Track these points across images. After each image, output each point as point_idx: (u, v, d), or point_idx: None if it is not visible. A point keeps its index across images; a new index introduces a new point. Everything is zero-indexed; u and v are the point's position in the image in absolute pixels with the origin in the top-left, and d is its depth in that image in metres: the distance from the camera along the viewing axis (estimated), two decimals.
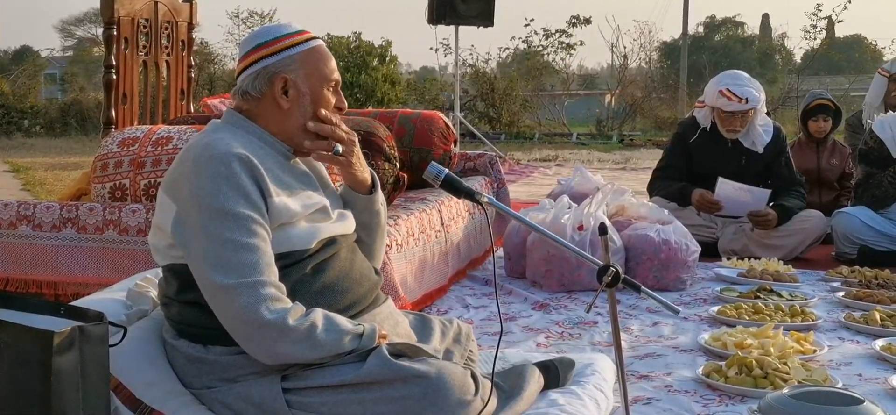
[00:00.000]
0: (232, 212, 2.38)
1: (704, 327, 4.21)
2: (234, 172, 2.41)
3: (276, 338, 2.35)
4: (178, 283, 2.51)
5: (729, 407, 3.13)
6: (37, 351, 2.24)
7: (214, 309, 2.39)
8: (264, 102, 2.59)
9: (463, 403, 2.42)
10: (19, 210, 4.21)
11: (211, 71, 22.83)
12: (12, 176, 11.74)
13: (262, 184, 2.45)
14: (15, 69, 27.13)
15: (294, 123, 2.60)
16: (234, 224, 2.37)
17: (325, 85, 2.63)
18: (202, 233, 2.38)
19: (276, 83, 2.57)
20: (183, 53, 6.03)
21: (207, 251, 2.36)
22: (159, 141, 4.23)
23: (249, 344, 2.38)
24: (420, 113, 5.72)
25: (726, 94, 5.87)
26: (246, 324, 2.34)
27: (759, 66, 29.76)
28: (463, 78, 19.53)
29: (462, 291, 4.93)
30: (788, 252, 5.85)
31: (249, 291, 2.34)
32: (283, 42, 2.60)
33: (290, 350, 2.37)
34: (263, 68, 2.57)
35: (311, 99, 2.60)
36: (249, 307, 2.33)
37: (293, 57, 2.59)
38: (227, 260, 2.35)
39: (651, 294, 2.64)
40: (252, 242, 2.38)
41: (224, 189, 2.39)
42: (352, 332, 2.46)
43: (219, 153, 2.43)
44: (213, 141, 2.48)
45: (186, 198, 2.42)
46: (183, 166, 2.47)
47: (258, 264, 2.37)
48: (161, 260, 2.54)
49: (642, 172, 11.62)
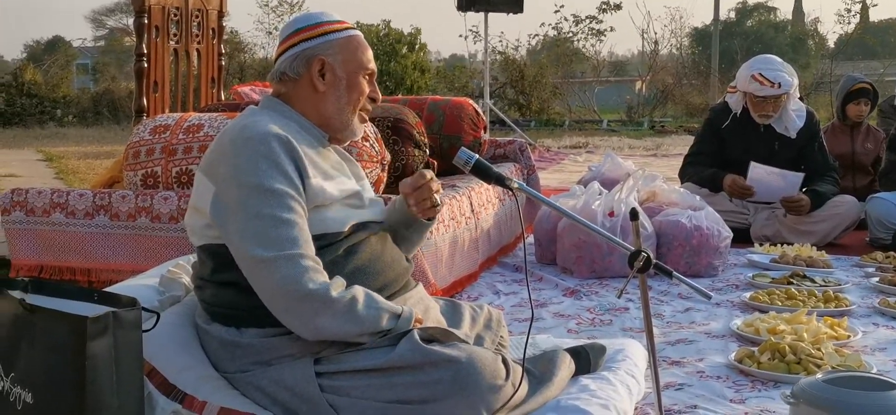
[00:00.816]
0: (270, 188, 2.41)
1: (737, 312, 4.19)
2: (272, 150, 2.44)
3: (318, 310, 2.37)
4: (214, 263, 2.53)
5: (761, 393, 3.12)
6: (71, 337, 2.26)
7: (254, 283, 2.40)
8: (301, 84, 2.63)
9: (494, 387, 2.42)
10: (53, 198, 4.24)
11: (241, 59, 22.93)
12: (46, 165, 11.84)
13: (300, 164, 2.48)
14: (47, 60, 27.35)
15: (329, 107, 2.63)
16: (273, 200, 2.40)
17: (361, 73, 2.66)
18: (241, 209, 2.40)
19: (314, 65, 2.61)
20: (213, 42, 6.05)
21: (247, 226, 2.39)
22: (190, 128, 4.25)
23: (289, 317, 2.40)
24: (450, 100, 5.72)
25: (759, 79, 5.82)
26: (287, 295, 2.36)
27: (791, 52, 29.54)
28: (492, 65, 19.50)
29: (492, 278, 4.93)
30: (822, 238, 5.81)
31: (290, 263, 2.36)
32: (323, 27, 2.64)
33: (331, 324, 2.39)
34: (302, 51, 2.62)
35: (346, 85, 2.64)
36: (291, 278, 2.35)
37: (332, 42, 2.63)
38: (267, 234, 2.37)
39: (683, 279, 2.63)
40: (291, 217, 2.41)
41: (263, 166, 2.42)
42: (390, 311, 2.48)
43: (257, 133, 2.46)
44: (252, 122, 2.52)
45: (225, 177, 2.45)
46: (221, 147, 2.51)
47: (298, 238, 2.40)
48: (197, 240, 2.56)
49: (673, 159, 11.56)
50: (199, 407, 2.44)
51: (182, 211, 4.04)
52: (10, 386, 2.34)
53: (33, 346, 2.32)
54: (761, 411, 2.95)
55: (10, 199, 4.29)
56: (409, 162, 4.42)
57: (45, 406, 2.28)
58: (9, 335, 2.37)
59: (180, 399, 2.45)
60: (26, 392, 2.31)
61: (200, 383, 2.48)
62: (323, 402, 2.41)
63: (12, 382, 2.34)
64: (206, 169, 2.52)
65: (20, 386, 2.32)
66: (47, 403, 2.28)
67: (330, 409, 2.41)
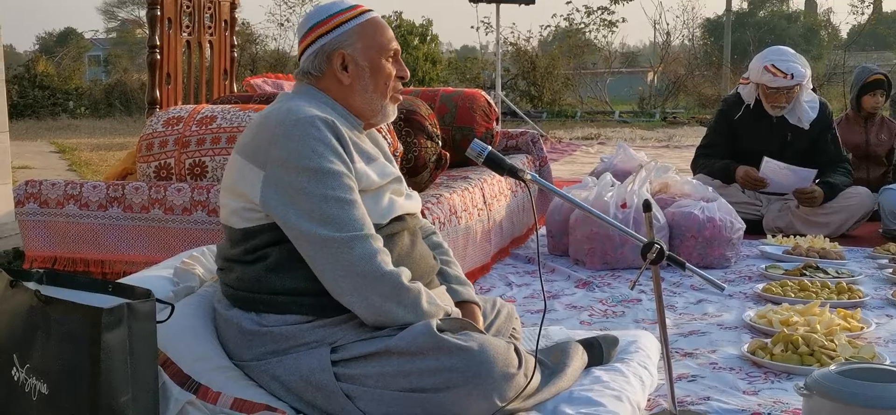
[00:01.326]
0: (330, 170, 2.43)
1: (749, 304, 4.18)
2: (323, 132, 2.46)
3: (388, 294, 2.42)
4: (247, 244, 2.53)
5: (774, 384, 3.11)
6: (86, 328, 2.27)
7: (321, 264, 2.42)
8: (326, 80, 2.64)
9: (506, 376, 2.43)
10: (66, 189, 4.26)
11: (253, 51, 22.95)
12: (58, 157, 11.87)
13: (346, 147, 2.51)
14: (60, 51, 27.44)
15: (357, 97, 2.64)
16: (334, 181, 2.43)
17: (384, 55, 2.66)
18: (303, 193, 2.41)
19: (334, 60, 2.61)
20: (225, 33, 6.06)
21: (311, 210, 2.40)
22: (203, 120, 4.25)
23: (355, 297, 2.42)
24: (462, 91, 5.71)
25: (771, 70, 5.80)
26: (359, 275, 2.39)
27: (804, 43, 29.43)
28: (504, 56, 19.48)
29: (505, 269, 4.93)
30: (835, 229, 5.79)
31: (363, 243, 2.40)
32: (336, 19, 2.63)
33: (396, 310, 2.44)
34: (320, 47, 2.62)
35: (370, 72, 2.64)
36: (366, 258, 2.39)
37: (348, 32, 2.62)
38: (334, 216, 2.40)
39: (696, 271, 2.63)
40: (354, 197, 2.45)
41: (319, 148, 2.44)
42: (444, 310, 2.55)
43: (304, 116, 2.48)
44: (295, 106, 2.52)
45: (278, 160, 2.45)
46: (266, 132, 2.50)
47: (364, 219, 2.45)
48: (237, 223, 2.55)
49: (685, 150, 11.55)
50: (213, 398, 2.45)
51: (195, 203, 4.05)
52: (25, 377, 2.35)
53: (48, 337, 2.33)
54: (774, 402, 2.94)
55: (24, 191, 4.31)
56: (421, 154, 4.42)
57: (60, 397, 2.29)
58: (24, 327, 2.38)
59: (194, 390, 2.46)
60: (41, 383, 2.32)
61: (214, 372, 2.49)
62: (338, 390, 2.42)
63: (28, 373, 2.35)
64: (248, 153, 2.51)
65: (35, 377, 2.33)
66: (62, 394, 2.29)
67: (345, 397, 2.42)
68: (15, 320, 2.41)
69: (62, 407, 2.29)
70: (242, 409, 2.43)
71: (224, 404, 2.44)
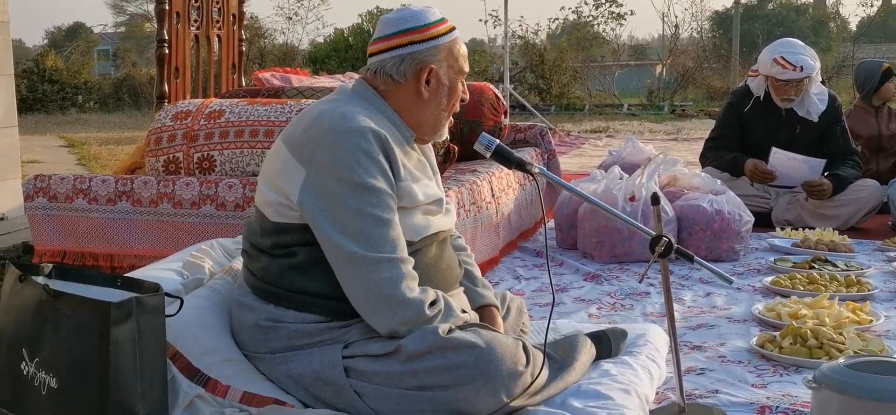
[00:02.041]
0: (373, 187, 2.41)
1: (758, 297, 4.18)
2: (372, 146, 2.43)
3: (410, 319, 2.42)
4: (276, 238, 2.52)
5: (783, 377, 3.11)
6: (95, 322, 2.28)
7: (347, 279, 2.42)
8: (404, 88, 2.60)
9: (514, 373, 2.43)
10: (75, 184, 4.27)
11: (261, 45, 22.97)
12: (67, 151, 11.90)
13: (394, 164, 2.48)
14: (68, 46, 27.47)
15: (429, 113, 2.63)
16: (375, 199, 2.41)
17: (461, 78, 2.66)
18: (342, 204, 2.40)
19: (422, 72, 2.58)
20: (234, 27, 6.06)
21: (347, 223, 2.39)
22: (212, 114, 4.26)
23: (376, 317, 2.43)
24: (470, 85, 5.69)
25: (781, 63, 5.79)
26: (383, 297, 2.39)
27: (813, 35, 29.35)
28: (512, 50, 19.46)
29: (513, 263, 4.93)
30: (844, 222, 5.78)
31: (392, 266, 2.40)
32: (432, 30, 2.60)
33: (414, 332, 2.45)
34: (411, 55, 2.58)
35: (448, 91, 2.63)
36: (392, 282, 2.39)
37: (440, 47, 2.60)
38: (369, 234, 2.39)
39: (704, 264, 2.63)
40: (390, 217, 2.43)
41: (365, 163, 2.41)
42: (462, 318, 2.55)
43: (357, 126, 2.45)
44: (349, 112, 2.49)
45: (323, 164, 2.43)
46: (317, 132, 2.47)
47: (398, 241, 2.43)
48: (271, 215, 2.54)
49: (694, 143, 11.52)
50: (223, 391, 2.45)
51: (203, 197, 4.06)
52: (34, 371, 2.36)
53: (57, 331, 2.34)
54: (783, 395, 2.94)
55: (33, 185, 4.32)
56: None
57: (69, 391, 2.30)
58: (33, 321, 2.39)
59: (204, 383, 2.46)
60: (51, 377, 2.33)
61: (223, 365, 2.50)
62: (347, 386, 2.43)
63: (37, 367, 2.36)
64: (295, 149, 2.49)
65: (44, 371, 2.34)
66: (71, 387, 2.30)
67: (354, 394, 2.43)
68: (24, 315, 2.42)
69: (71, 401, 2.30)
70: (252, 402, 2.44)
71: (233, 398, 2.45)
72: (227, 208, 4.02)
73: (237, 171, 4.19)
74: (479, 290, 2.81)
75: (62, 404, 2.31)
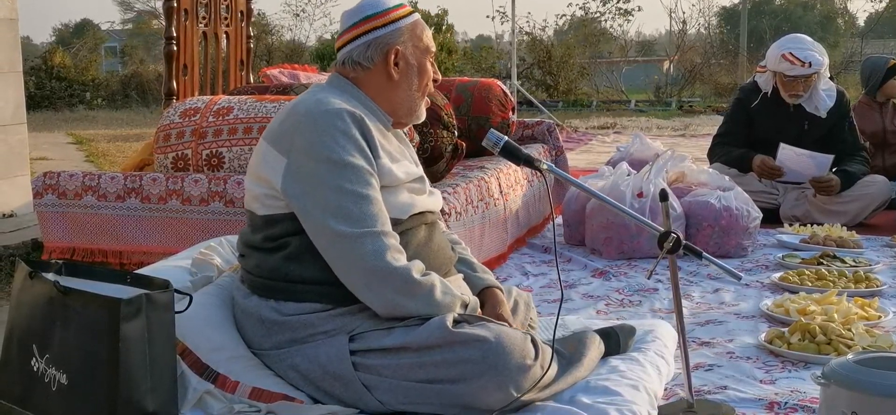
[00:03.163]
0: (351, 163, 2.45)
1: (766, 293, 4.18)
2: (348, 125, 2.48)
3: (399, 289, 2.43)
4: (267, 231, 2.55)
5: (791, 373, 3.11)
6: (105, 319, 2.28)
7: (333, 257, 2.44)
8: (374, 73, 2.66)
9: (523, 367, 2.43)
10: (84, 181, 4.28)
11: (268, 42, 22.98)
12: (76, 148, 11.92)
13: (372, 142, 2.52)
14: (76, 43, 27.49)
15: (402, 94, 2.68)
16: (354, 175, 2.44)
17: (427, 57, 2.70)
18: (321, 184, 2.43)
19: (389, 55, 2.63)
20: (241, 24, 6.07)
21: (328, 202, 2.42)
22: (220, 111, 4.27)
23: (368, 293, 2.45)
24: (477, 81, 5.71)
25: (789, 59, 5.78)
26: (369, 271, 2.41)
27: (820, 30, 29.29)
28: (520, 46, 19.44)
29: (521, 259, 4.94)
30: (852, 218, 5.77)
31: (375, 239, 2.41)
32: (391, 14, 2.66)
33: (409, 304, 2.45)
34: (375, 39, 2.64)
35: (417, 71, 2.68)
36: (376, 254, 2.41)
37: (402, 29, 2.66)
38: (350, 210, 2.42)
39: (713, 260, 2.63)
40: (371, 193, 2.46)
41: (341, 141, 2.45)
42: (461, 299, 2.56)
43: (333, 108, 2.50)
44: (324, 98, 2.55)
45: (301, 149, 2.47)
46: (293, 119, 2.52)
47: (379, 215, 2.46)
48: (259, 209, 2.58)
49: (702, 139, 11.51)
50: (232, 387, 2.46)
51: (212, 194, 4.07)
52: (44, 367, 2.37)
53: (67, 328, 2.35)
54: (791, 391, 2.94)
55: (42, 182, 4.33)
56: (437, 143, 4.43)
57: (80, 387, 2.31)
58: (43, 317, 2.40)
59: (213, 379, 2.47)
60: (61, 373, 2.34)
61: (233, 362, 2.51)
62: (356, 380, 2.44)
63: (47, 363, 2.37)
64: (274, 140, 2.54)
65: (55, 367, 2.35)
66: (81, 384, 2.31)
67: (362, 387, 2.44)
68: (35, 311, 2.43)
69: (81, 397, 2.31)
70: (260, 398, 2.45)
71: (242, 394, 2.45)
72: (235, 205, 4.03)
73: (245, 167, 4.19)
74: (479, 275, 2.82)
75: (72, 400, 2.32)
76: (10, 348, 2.48)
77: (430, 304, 2.47)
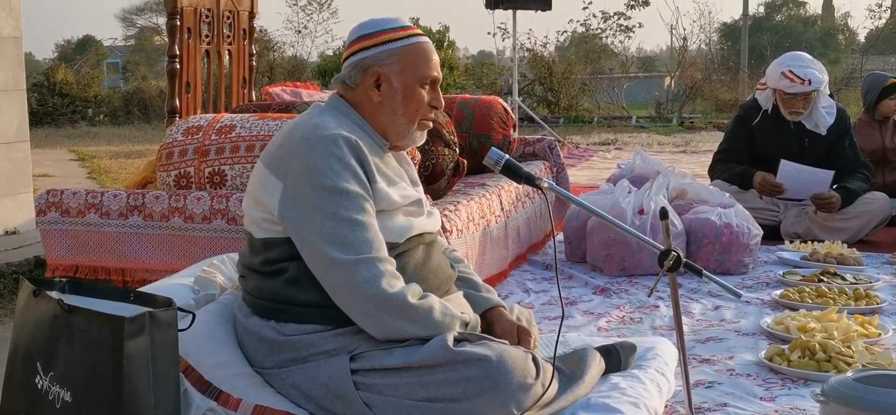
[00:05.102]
0: (346, 190, 2.45)
1: (767, 310, 4.19)
2: (344, 152, 2.48)
3: (396, 314, 2.44)
4: (266, 254, 2.56)
5: (792, 391, 3.12)
6: (108, 336, 2.30)
7: (329, 284, 2.45)
8: (358, 94, 2.66)
9: (524, 386, 2.44)
10: (87, 198, 4.29)
11: (271, 59, 23.01)
12: (78, 164, 11.93)
13: (367, 168, 2.53)
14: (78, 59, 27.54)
15: (385, 117, 2.66)
16: (348, 202, 2.45)
17: (420, 83, 2.66)
18: (316, 210, 2.44)
19: (368, 76, 2.63)
20: (244, 42, 6.09)
21: (323, 228, 2.43)
22: (222, 129, 4.29)
23: (366, 320, 2.45)
24: (479, 98, 5.73)
25: (789, 76, 5.80)
26: (365, 298, 2.42)
27: (821, 47, 29.35)
28: (521, 62, 19.47)
29: (522, 276, 4.95)
30: (852, 235, 5.78)
31: (369, 266, 2.42)
32: (382, 36, 2.65)
33: (407, 328, 2.46)
34: (361, 60, 2.64)
35: (402, 96, 2.65)
36: (370, 281, 2.41)
37: (391, 52, 2.64)
38: (344, 237, 2.42)
39: (713, 278, 2.64)
40: (366, 219, 2.46)
41: (336, 168, 2.46)
42: (460, 318, 2.56)
43: (329, 134, 2.50)
44: (321, 123, 2.55)
45: (297, 174, 2.48)
46: (290, 144, 2.53)
47: (374, 241, 2.46)
48: (256, 232, 2.59)
49: (703, 155, 11.52)
50: (235, 404, 2.47)
51: (215, 211, 4.08)
52: (49, 385, 2.38)
53: (71, 345, 2.36)
54: (791, 409, 2.95)
55: (45, 200, 4.34)
56: (438, 161, 4.44)
57: (84, 404, 2.32)
58: (47, 335, 2.41)
59: (216, 396, 2.48)
60: (65, 391, 2.35)
61: (236, 380, 2.52)
62: (357, 399, 2.45)
63: (51, 380, 2.38)
64: (271, 164, 2.55)
65: (59, 385, 2.36)
66: (85, 401, 2.32)
67: (364, 406, 2.45)
68: (39, 329, 2.44)
69: (86, 414, 2.32)
70: None
71: (245, 411, 2.46)
72: (238, 223, 4.04)
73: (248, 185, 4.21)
74: (483, 294, 2.82)
75: None
76: (14, 365, 2.49)
77: (428, 326, 2.48)
